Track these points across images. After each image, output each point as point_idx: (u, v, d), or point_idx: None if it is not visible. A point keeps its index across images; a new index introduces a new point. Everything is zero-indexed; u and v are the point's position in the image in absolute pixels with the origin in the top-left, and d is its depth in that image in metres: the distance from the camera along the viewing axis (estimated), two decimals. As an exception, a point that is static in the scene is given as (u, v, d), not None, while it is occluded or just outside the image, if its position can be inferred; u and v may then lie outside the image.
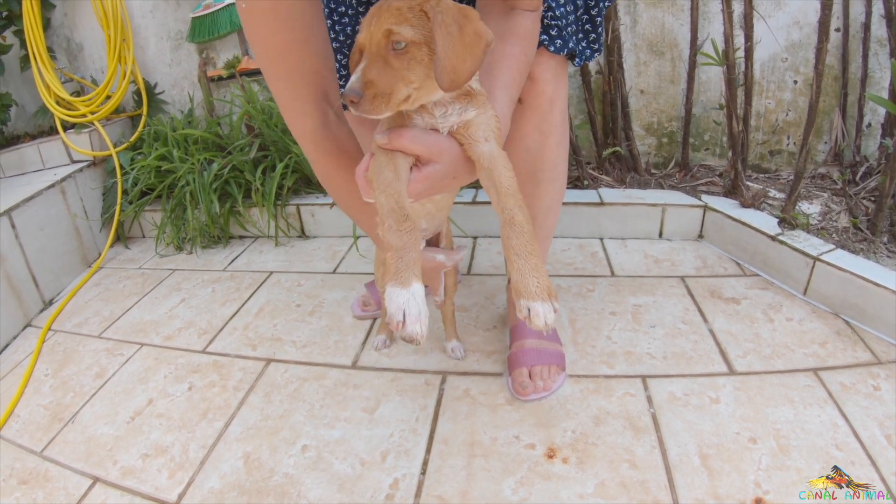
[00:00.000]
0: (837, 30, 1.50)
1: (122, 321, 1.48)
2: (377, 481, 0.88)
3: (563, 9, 0.85)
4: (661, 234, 1.56)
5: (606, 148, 1.71)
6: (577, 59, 0.92)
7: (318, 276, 1.57)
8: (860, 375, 0.99)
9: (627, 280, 1.37)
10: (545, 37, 0.84)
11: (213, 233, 1.85)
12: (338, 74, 0.97)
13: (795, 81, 1.60)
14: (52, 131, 2.18)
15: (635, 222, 1.55)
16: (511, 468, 0.88)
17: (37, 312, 1.63)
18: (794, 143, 1.66)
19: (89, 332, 1.45)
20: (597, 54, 0.96)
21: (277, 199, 1.76)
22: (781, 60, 1.59)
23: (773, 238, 1.28)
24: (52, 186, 1.80)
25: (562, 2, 0.85)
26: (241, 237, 1.91)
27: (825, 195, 1.46)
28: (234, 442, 1.00)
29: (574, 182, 1.68)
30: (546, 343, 1.05)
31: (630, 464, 0.86)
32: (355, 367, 1.15)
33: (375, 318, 1.30)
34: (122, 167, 1.99)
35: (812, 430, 0.89)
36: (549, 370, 1.02)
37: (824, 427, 0.89)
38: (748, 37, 1.39)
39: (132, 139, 2.09)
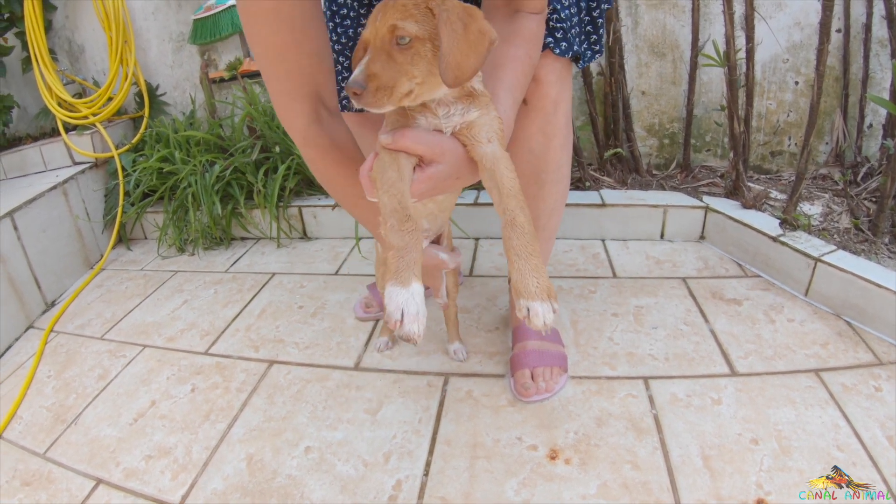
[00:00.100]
0: (838, 31, 1.50)
1: (124, 323, 1.48)
2: (380, 482, 0.88)
3: (567, 11, 0.85)
4: (662, 236, 1.56)
5: (608, 149, 1.71)
6: (581, 62, 0.92)
7: (320, 277, 1.57)
8: (861, 376, 1.00)
9: (629, 281, 1.37)
10: (550, 39, 0.84)
11: (215, 234, 1.85)
12: (340, 77, 0.98)
13: (797, 82, 1.60)
14: (54, 133, 2.19)
15: (637, 223, 1.56)
16: (514, 469, 0.88)
17: (39, 314, 1.63)
18: (796, 144, 1.66)
19: (92, 334, 1.45)
20: (597, 56, 0.97)
21: (279, 200, 1.77)
22: (783, 61, 1.59)
23: (774, 239, 1.29)
24: (54, 188, 1.80)
25: (566, 4, 0.85)
26: (243, 239, 1.91)
27: (826, 196, 1.46)
28: (237, 443, 1.00)
29: (576, 183, 1.68)
30: (548, 344, 1.06)
31: (632, 465, 0.86)
32: (358, 369, 1.16)
33: (378, 320, 1.31)
34: (123, 169, 2.00)
35: (813, 431, 0.89)
36: (551, 371, 1.02)
37: (826, 428, 0.90)
38: (749, 38, 1.40)
39: (134, 141, 2.09)
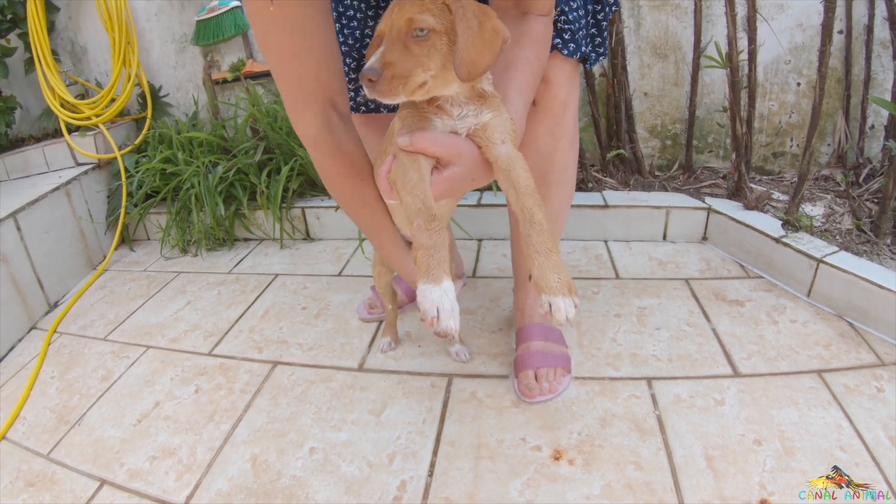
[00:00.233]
0: (840, 32, 1.50)
1: (127, 324, 1.49)
2: (384, 483, 0.89)
3: (575, 13, 0.86)
4: (665, 237, 1.56)
5: (610, 150, 1.71)
6: (588, 64, 0.93)
7: (323, 278, 1.57)
8: (864, 377, 1.00)
9: (632, 282, 1.37)
10: (558, 40, 0.85)
11: (218, 235, 1.86)
12: (347, 78, 0.98)
13: (799, 84, 1.61)
14: (57, 134, 2.19)
15: (639, 225, 1.56)
16: (518, 470, 0.88)
17: (42, 315, 1.63)
18: (798, 146, 1.66)
19: (95, 335, 1.46)
20: (601, 58, 0.97)
21: (282, 201, 1.77)
22: (785, 63, 1.60)
23: (776, 240, 1.29)
24: (57, 189, 1.81)
25: (574, 6, 0.86)
26: (246, 240, 1.92)
27: (828, 197, 1.47)
28: (242, 444, 1.00)
29: (578, 185, 1.68)
30: (552, 345, 1.06)
31: (636, 465, 0.86)
32: (362, 370, 1.16)
33: (381, 321, 1.31)
34: (126, 170, 2.00)
35: (816, 432, 0.89)
36: (554, 372, 1.02)
37: (828, 429, 0.90)
38: (751, 39, 1.40)
39: (137, 142, 2.09)
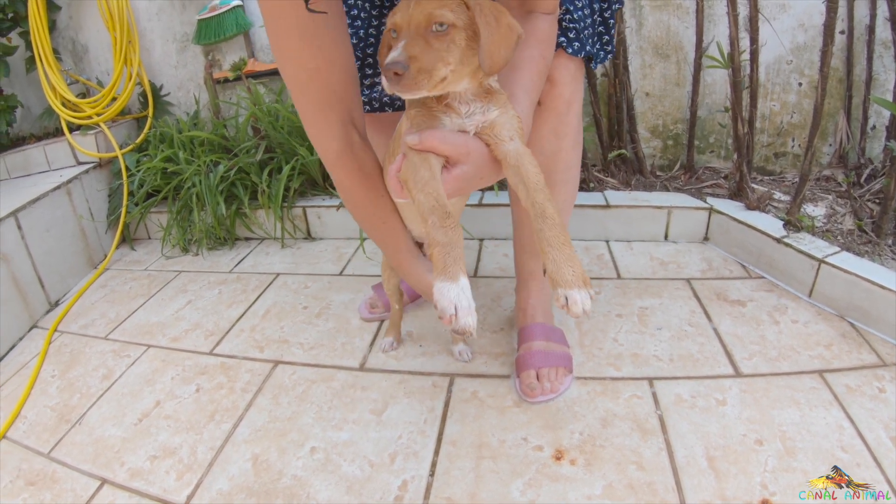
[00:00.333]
0: (842, 32, 1.50)
1: (128, 323, 1.49)
2: (386, 483, 0.89)
3: (580, 12, 0.85)
4: (666, 237, 1.56)
5: (612, 150, 1.71)
6: (594, 63, 0.92)
7: (324, 277, 1.57)
8: (865, 378, 1.00)
9: (633, 282, 1.37)
10: (563, 39, 0.85)
11: (220, 234, 1.85)
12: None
13: (800, 84, 1.60)
14: (58, 133, 2.19)
15: (641, 225, 1.56)
16: (519, 470, 0.88)
17: (43, 314, 1.63)
18: (799, 146, 1.66)
19: (96, 334, 1.46)
20: (610, 55, 0.97)
21: (283, 200, 1.77)
22: (786, 63, 1.59)
23: (778, 240, 1.29)
24: (57, 188, 1.81)
25: (579, 5, 0.85)
26: (248, 239, 1.92)
27: (830, 197, 1.47)
28: (243, 444, 1.00)
29: (580, 184, 1.67)
30: (553, 345, 1.06)
31: (637, 465, 0.86)
32: (363, 370, 1.16)
33: (383, 321, 1.31)
34: (127, 169, 2.00)
35: (818, 432, 0.89)
36: (556, 372, 1.02)
37: (830, 429, 0.90)
38: (753, 39, 1.40)
39: (138, 141, 2.09)
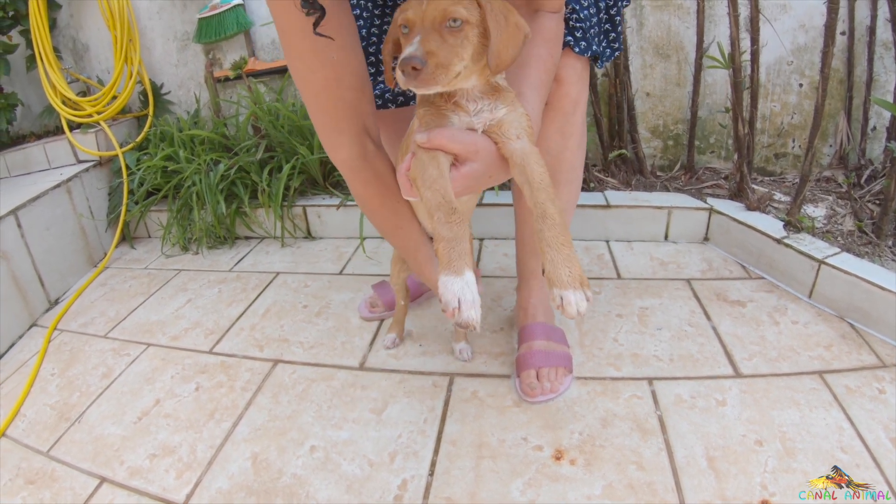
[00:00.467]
0: (843, 33, 1.50)
1: (128, 321, 1.48)
2: (385, 482, 0.89)
3: (586, 11, 0.85)
4: (666, 237, 1.56)
5: (612, 150, 1.71)
6: (601, 62, 0.92)
7: (324, 277, 1.57)
8: (865, 378, 1.00)
9: (633, 282, 1.37)
10: (570, 38, 0.85)
11: (219, 233, 1.85)
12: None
13: (801, 84, 1.60)
14: (58, 131, 2.19)
15: (641, 225, 1.56)
16: (519, 470, 0.88)
17: (42, 312, 1.63)
18: (800, 146, 1.66)
19: (95, 332, 1.45)
20: (617, 53, 0.97)
21: (284, 199, 1.77)
22: (787, 63, 1.59)
23: (778, 241, 1.29)
24: (57, 186, 1.81)
25: (585, 4, 0.85)
26: (247, 238, 1.92)
27: (830, 198, 1.47)
28: (242, 442, 1.00)
29: (579, 184, 1.68)
30: (554, 345, 1.06)
31: (637, 466, 0.86)
32: (363, 369, 1.16)
33: (382, 320, 1.31)
34: (128, 167, 2.00)
35: (818, 433, 0.89)
36: (556, 372, 1.02)
37: (830, 430, 0.90)
38: (754, 40, 1.40)
39: (138, 139, 2.09)
